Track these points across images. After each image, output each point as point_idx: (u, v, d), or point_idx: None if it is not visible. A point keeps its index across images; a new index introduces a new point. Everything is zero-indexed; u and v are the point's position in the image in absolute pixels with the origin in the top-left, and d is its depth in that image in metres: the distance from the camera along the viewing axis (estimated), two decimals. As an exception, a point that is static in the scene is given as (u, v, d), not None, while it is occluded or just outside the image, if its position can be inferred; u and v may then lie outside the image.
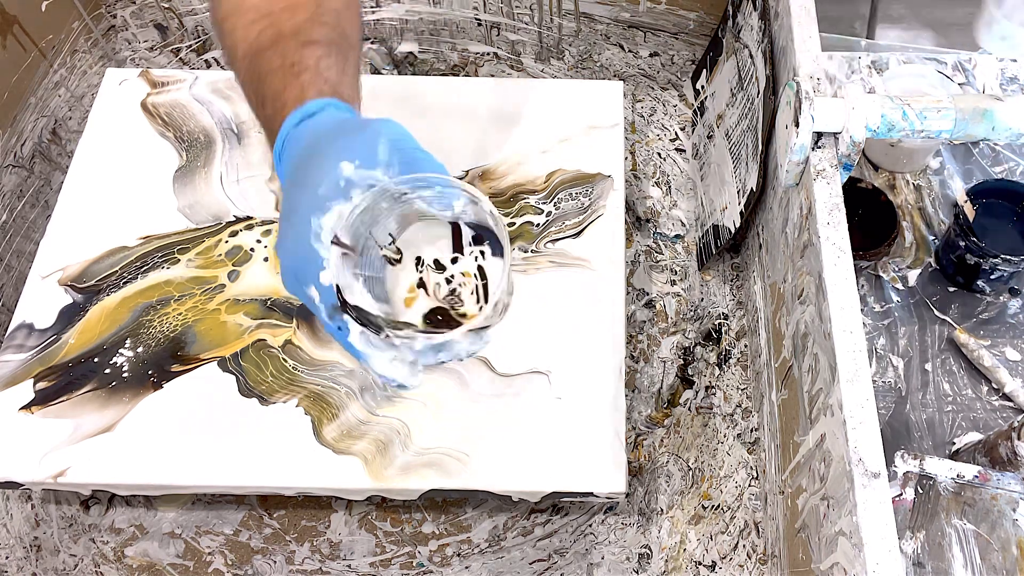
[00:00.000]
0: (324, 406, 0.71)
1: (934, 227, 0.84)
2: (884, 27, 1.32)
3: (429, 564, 0.74)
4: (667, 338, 0.84)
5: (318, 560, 0.74)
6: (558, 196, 0.81)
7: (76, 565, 0.74)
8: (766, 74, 0.71)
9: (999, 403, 0.75)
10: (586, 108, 0.85)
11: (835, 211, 0.60)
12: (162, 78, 0.88)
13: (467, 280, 0.55)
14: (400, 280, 0.54)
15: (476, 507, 0.76)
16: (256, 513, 0.76)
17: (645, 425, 0.80)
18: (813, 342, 0.60)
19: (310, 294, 0.50)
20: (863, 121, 0.60)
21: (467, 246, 0.55)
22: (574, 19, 0.95)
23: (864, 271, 0.82)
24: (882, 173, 0.88)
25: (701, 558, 0.74)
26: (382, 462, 0.68)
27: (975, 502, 0.70)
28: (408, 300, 0.54)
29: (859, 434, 0.52)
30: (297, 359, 0.73)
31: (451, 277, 0.55)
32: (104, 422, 0.70)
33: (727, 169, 0.81)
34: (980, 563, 0.68)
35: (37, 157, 0.90)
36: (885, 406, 0.75)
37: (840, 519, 0.53)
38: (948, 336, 0.78)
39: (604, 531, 0.75)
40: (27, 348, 0.73)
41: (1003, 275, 0.77)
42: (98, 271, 0.77)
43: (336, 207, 0.49)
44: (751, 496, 0.76)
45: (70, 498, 0.77)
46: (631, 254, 0.88)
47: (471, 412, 0.70)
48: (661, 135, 0.96)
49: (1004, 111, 0.60)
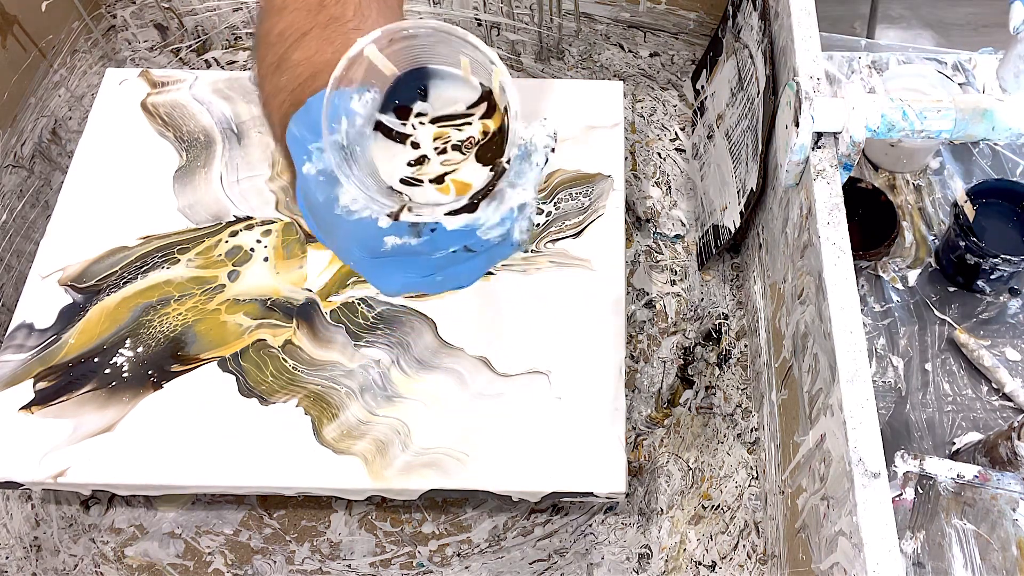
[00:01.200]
0: (324, 406, 0.71)
1: (934, 227, 0.84)
2: (884, 27, 1.32)
3: (429, 564, 0.74)
4: (667, 338, 0.84)
5: (318, 560, 0.74)
6: (558, 196, 0.81)
7: (76, 565, 0.74)
8: (766, 74, 0.71)
9: (999, 403, 0.75)
10: (586, 108, 0.85)
11: (835, 211, 0.60)
12: (162, 78, 0.88)
13: (446, 137, 0.51)
14: (423, 197, 0.51)
15: (476, 507, 0.76)
16: (256, 513, 0.76)
17: (645, 425, 0.80)
18: (813, 342, 0.60)
19: (389, 247, 0.47)
20: (863, 121, 0.60)
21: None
22: (574, 19, 0.95)
23: (864, 271, 0.82)
24: (882, 173, 0.88)
25: (701, 558, 0.74)
26: (382, 462, 0.68)
27: (975, 502, 0.70)
28: (443, 191, 0.50)
29: (859, 434, 0.52)
30: (297, 359, 0.73)
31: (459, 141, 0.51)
32: (104, 422, 0.70)
33: (727, 169, 0.81)
34: (980, 563, 0.68)
35: (37, 157, 0.90)
36: (885, 406, 0.75)
37: (840, 519, 0.53)
38: (948, 336, 0.78)
39: (604, 531, 0.75)
40: (27, 348, 0.73)
41: (1003, 275, 0.77)
42: (98, 271, 0.77)
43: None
44: (751, 496, 0.76)
45: (70, 498, 0.77)
46: (631, 254, 0.88)
47: (471, 412, 0.70)
48: (661, 135, 0.96)
49: (1004, 111, 0.60)
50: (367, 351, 0.73)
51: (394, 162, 0.50)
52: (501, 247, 0.50)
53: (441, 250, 0.48)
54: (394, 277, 0.51)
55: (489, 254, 0.50)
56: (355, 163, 0.48)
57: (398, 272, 0.50)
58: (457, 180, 0.50)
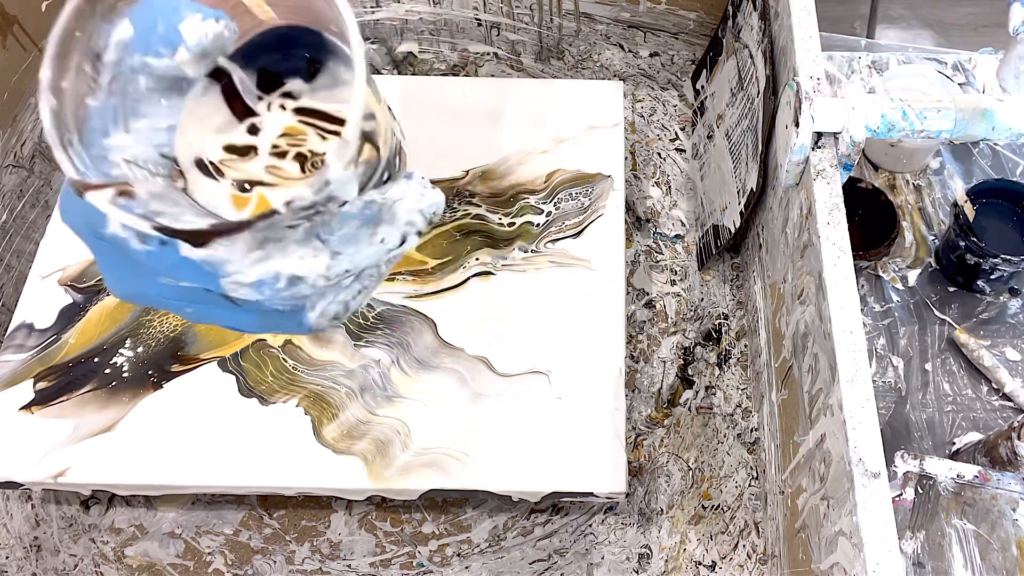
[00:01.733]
0: (324, 406, 0.71)
1: (934, 227, 0.84)
2: (884, 27, 1.32)
3: (429, 564, 0.74)
4: (667, 338, 0.84)
5: (318, 560, 0.74)
6: (558, 196, 0.81)
7: (76, 565, 0.74)
8: (766, 74, 0.71)
9: (999, 403, 0.75)
10: (586, 108, 0.86)
11: (835, 211, 0.60)
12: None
13: (299, 139, 0.37)
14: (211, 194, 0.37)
15: (476, 507, 0.76)
16: (256, 513, 0.76)
17: (645, 425, 0.80)
18: (813, 342, 0.60)
19: (110, 232, 0.36)
20: (863, 121, 0.60)
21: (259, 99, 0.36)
22: (574, 19, 0.95)
23: (864, 271, 0.82)
24: (882, 173, 0.88)
25: (701, 558, 0.74)
26: (382, 462, 0.68)
27: (975, 502, 0.70)
28: (239, 202, 0.37)
29: (859, 434, 0.52)
30: (297, 359, 0.73)
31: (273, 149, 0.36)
32: (104, 422, 0.70)
33: (727, 169, 0.81)
34: (980, 563, 0.68)
35: (37, 157, 0.90)
36: (885, 406, 0.75)
37: (840, 519, 0.53)
38: (948, 336, 0.78)
39: (604, 531, 0.75)
40: (27, 348, 0.73)
41: (1003, 275, 0.77)
42: (98, 271, 0.77)
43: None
44: (751, 496, 0.76)
45: (70, 498, 0.77)
46: (631, 254, 0.88)
47: (471, 412, 0.70)
48: (661, 135, 0.96)
49: (1004, 111, 0.60)
50: (367, 351, 0.73)
51: (203, 132, 0.37)
52: (283, 317, 0.37)
53: (171, 277, 0.36)
54: (124, 276, 0.40)
55: (264, 317, 0.37)
56: (126, 96, 0.35)
57: (132, 272, 0.38)
58: (265, 198, 0.36)
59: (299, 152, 0.38)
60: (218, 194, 0.37)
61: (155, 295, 0.39)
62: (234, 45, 0.37)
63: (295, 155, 0.38)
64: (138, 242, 0.35)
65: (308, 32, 0.38)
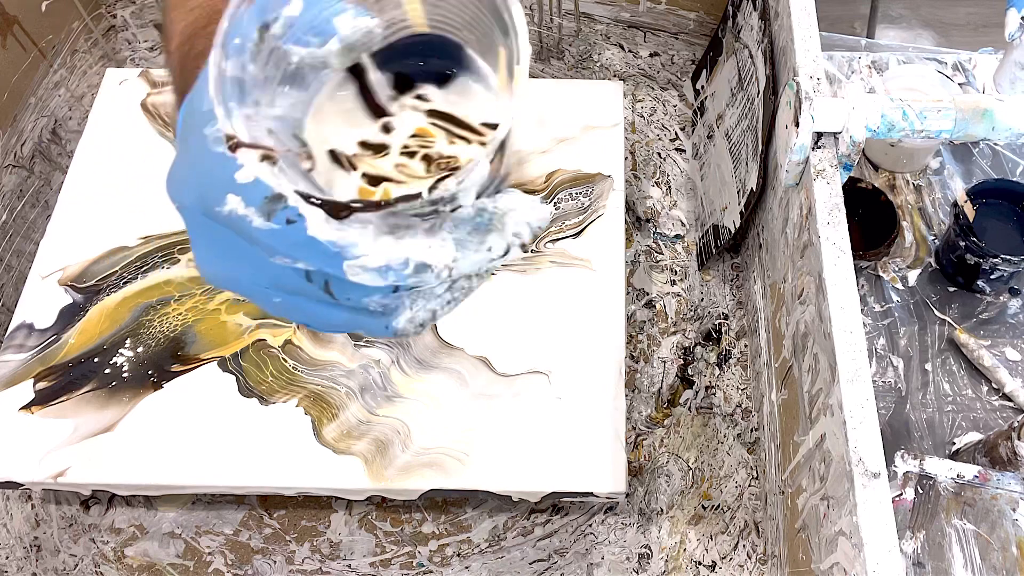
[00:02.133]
0: (324, 406, 0.71)
1: (934, 227, 0.84)
2: (884, 27, 1.32)
3: (429, 564, 0.74)
4: (667, 338, 0.84)
5: (318, 560, 0.74)
6: (558, 196, 0.81)
7: (76, 565, 0.74)
8: (766, 74, 0.71)
9: (999, 403, 0.75)
10: (586, 108, 0.85)
11: (835, 211, 0.60)
12: (162, 78, 0.88)
13: (428, 140, 0.38)
14: (339, 183, 0.37)
15: (476, 507, 0.76)
16: (256, 513, 0.76)
17: (645, 425, 0.80)
18: (813, 342, 0.60)
19: (227, 209, 0.34)
20: (863, 121, 0.60)
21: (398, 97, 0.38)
22: (574, 19, 0.95)
23: (864, 271, 0.82)
24: (882, 173, 0.88)
25: (701, 558, 0.74)
26: (382, 462, 0.68)
27: (975, 502, 0.70)
28: (365, 194, 0.38)
29: (859, 434, 0.52)
30: (297, 359, 0.73)
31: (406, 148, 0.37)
32: (104, 422, 0.70)
33: (727, 169, 0.81)
34: (980, 563, 0.68)
35: (37, 157, 0.90)
36: (885, 406, 0.75)
37: (840, 519, 0.53)
38: (948, 336, 0.78)
39: (604, 531, 0.75)
40: (27, 348, 0.73)
41: (1003, 275, 0.77)
42: (98, 271, 0.77)
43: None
44: (751, 496, 0.76)
45: (70, 498, 0.77)
46: (631, 254, 0.88)
47: (471, 412, 0.70)
48: (661, 135, 0.96)
49: (1004, 111, 0.60)
50: (367, 351, 0.73)
51: (338, 124, 0.38)
52: (372, 318, 0.37)
53: (290, 256, 0.34)
54: (217, 257, 0.38)
55: (354, 315, 0.37)
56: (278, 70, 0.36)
57: (226, 254, 0.37)
58: (390, 193, 0.37)
59: (426, 153, 0.39)
60: (346, 184, 0.37)
61: (247, 281, 0.38)
62: (379, 45, 0.39)
63: (423, 156, 0.39)
64: (262, 220, 0.34)
65: (450, 43, 0.39)
